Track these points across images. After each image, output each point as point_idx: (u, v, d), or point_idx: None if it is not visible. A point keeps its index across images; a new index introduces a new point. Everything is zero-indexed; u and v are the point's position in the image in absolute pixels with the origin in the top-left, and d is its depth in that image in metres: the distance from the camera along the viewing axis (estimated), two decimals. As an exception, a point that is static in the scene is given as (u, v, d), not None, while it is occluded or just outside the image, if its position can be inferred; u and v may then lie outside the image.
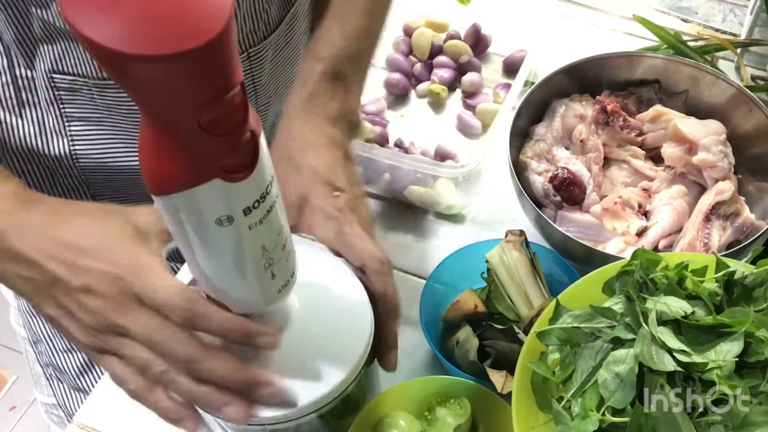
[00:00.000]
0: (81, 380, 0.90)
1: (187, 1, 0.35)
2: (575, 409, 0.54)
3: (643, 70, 0.84)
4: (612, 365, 0.53)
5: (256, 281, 0.50)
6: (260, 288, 0.51)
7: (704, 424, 0.51)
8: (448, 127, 0.95)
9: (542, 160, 0.80)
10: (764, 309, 0.55)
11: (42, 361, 0.94)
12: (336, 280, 0.62)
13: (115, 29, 0.34)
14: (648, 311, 0.54)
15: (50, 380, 0.93)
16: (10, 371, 1.84)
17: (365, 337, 0.59)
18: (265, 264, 0.49)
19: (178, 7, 0.35)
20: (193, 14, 0.35)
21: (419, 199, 0.86)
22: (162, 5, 0.35)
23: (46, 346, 0.92)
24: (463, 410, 0.65)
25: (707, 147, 0.77)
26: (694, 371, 0.52)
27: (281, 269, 0.50)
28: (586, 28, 1.06)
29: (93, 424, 0.73)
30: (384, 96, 0.97)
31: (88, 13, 0.35)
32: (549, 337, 0.58)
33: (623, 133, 0.81)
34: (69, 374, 0.91)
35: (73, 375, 0.91)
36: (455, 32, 1.01)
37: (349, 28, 0.73)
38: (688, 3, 1.08)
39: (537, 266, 0.71)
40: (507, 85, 0.95)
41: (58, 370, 0.92)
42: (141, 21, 0.35)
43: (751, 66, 0.99)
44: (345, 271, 0.62)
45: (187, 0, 0.35)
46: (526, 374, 0.59)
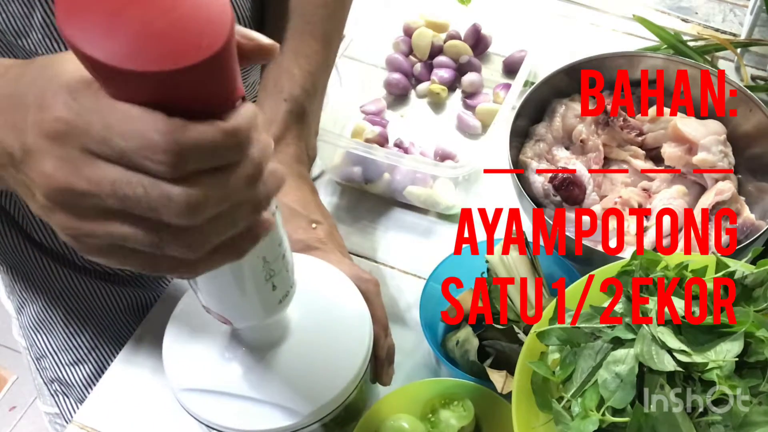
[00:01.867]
0: (88, 392, 0.90)
1: (185, 17, 0.35)
2: (575, 409, 0.54)
3: (643, 70, 0.83)
4: (612, 365, 0.53)
5: (256, 293, 0.50)
6: (261, 300, 0.51)
7: (704, 424, 0.51)
8: (448, 128, 0.95)
9: (542, 160, 0.80)
10: (764, 309, 0.55)
11: (46, 377, 0.93)
12: (334, 290, 0.62)
13: (116, 46, 0.34)
14: (648, 311, 0.54)
15: (55, 396, 0.93)
16: (10, 371, 1.84)
17: (365, 346, 0.59)
18: (266, 276, 0.49)
19: (176, 24, 0.35)
20: (193, 30, 0.35)
21: (419, 199, 0.86)
22: (160, 22, 0.34)
23: (51, 360, 0.91)
24: (466, 412, 0.65)
25: (707, 147, 0.77)
26: (694, 371, 0.52)
27: (281, 280, 0.50)
28: (586, 28, 1.06)
29: (93, 424, 0.73)
30: (384, 96, 0.97)
31: (87, 32, 0.34)
32: (549, 337, 0.58)
33: (623, 133, 0.81)
34: (76, 387, 0.91)
35: (80, 387, 0.90)
36: (455, 32, 1.01)
37: (308, 64, 0.76)
38: (688, 3, 1.08)
39: (537, 266, 0.71)
40: (507, 85, 0.95)
41: (65, 383, 0.91)
42: (141, 38, 0.34)
43: (751, 66, 0.99)
44: (343, 281, 0.62)
45: (186, 16, 0.35)
46: (526, 374, 0.58)
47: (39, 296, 0.90)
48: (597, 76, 0.82)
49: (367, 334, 0.60)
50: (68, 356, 0.90)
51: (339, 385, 0.57)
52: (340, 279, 0.63)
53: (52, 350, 0.91)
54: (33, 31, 0.69)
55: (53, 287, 0.90)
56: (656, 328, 0.53)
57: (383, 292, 0.79)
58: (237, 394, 0.56)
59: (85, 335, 0.90)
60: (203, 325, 0.60)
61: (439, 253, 0.74)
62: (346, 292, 0.62)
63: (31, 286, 0.91)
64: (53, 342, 0.90)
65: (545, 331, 0.58)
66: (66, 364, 0.91)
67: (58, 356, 0.91)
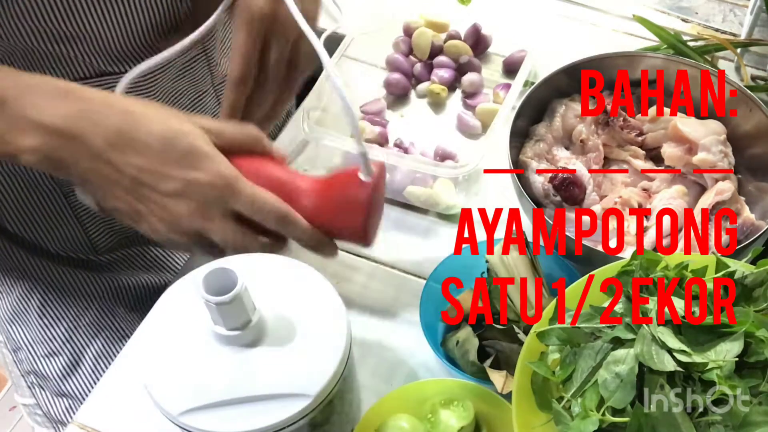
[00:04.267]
0: (64, 384, 0.90)
1: None
2: (575, 409, 0.54)
3: (643, 70, 0.83)
4: (612, 365, 0.53)
5: None
6: None
7: (704, 424, 0.51)
8: (448, 127, 0.95)
9: (542, 160, 0.80)
10: (764, 309, 0.55)
11: (22, 368, 0.93)
12: (308, 287, 0.63)
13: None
14: (648, 311, 0.54)
15: (32, 388, 0.93)
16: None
17: (343, 340, 0.60)
18: None
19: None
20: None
21: (419, 199, 0.86)
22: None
23: (27, 353, 0.91)
24: (466, 412, 0.65)
25: (707, 147, 0.77)
26: (694, 371, 0.52)
27: None
28: (586, 28, 1.06)
29: (93, 424, 0.73)
30: (384, 96, 0.97)
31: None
32: (549, 337, 0.58)
33: (623, 133, 0.81)
34: (52, 379, 0.91)
35: (56, 379, 0.90)
36: (455, 32, 1.01)
37: None
38: (688, 3, 1.08)
39: (537, 266, 0.71)
40: (507, 85, 0.95)
41: (40, 376, 0.91)
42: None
43: (751, 66, 0.99)
44: (317, 278, 0.63)
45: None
46: (526, 374, 0.59)
47: (14, 288, 0.90)
48: (597, 76, 0.82)
49: (344, 327, 0.61)
50: (43, 348, 0.90)
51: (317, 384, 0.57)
52: (314, 276, 0.64)
53: (27, 342, 0.91)
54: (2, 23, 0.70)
55: (28, 278, 0.90)
56: (656, 328, 0.53)
57: (383, 292, 0.80)
58: (227, 399, 0.57)
59: (60, 327, 0.90)
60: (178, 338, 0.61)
61: (440, 253, 0.74)
62: (319, 288, 0.63)
63: (7, 279, 0.91)
64: (28, 334, 0.91)
65: (545, 331, 0.58)
66: (42, 356, 0.91)
67: (34, 348, 0.91)
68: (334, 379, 0.58)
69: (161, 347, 0.61)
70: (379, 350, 0.76)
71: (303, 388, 0.57)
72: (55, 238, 0.90)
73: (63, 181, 0.85)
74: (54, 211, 0.87)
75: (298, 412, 0.56)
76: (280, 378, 0.58)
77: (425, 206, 0.87)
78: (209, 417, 0.57)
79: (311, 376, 0.58)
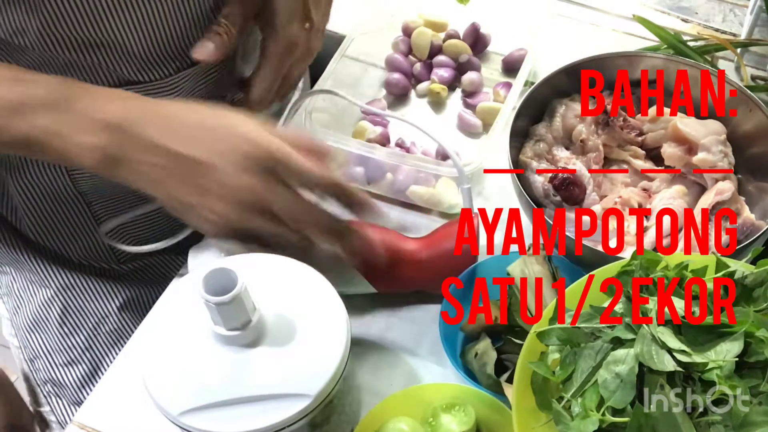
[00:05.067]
0: (82, 393, 0.90)
1: None
2: (575, 409, 0.54)
3: (643, 70, 0.83)
4: (612, 365, 0.53)
5: None
6: None
7: (704, 424, 0.51)
8: (449, 127, 0.95)
9: (542, 160, 0.80)
10: (764, 309, 0.55)
11: (39, 378, 0.93)
12: (308, 287, 0.63)
13: None
14: (648, 311, 0.54)
15: (48, 397, 0.93)
16: (10, 371, 1.84)
17: (343, 339, 0.60)
18: None
19: None
20: None
21: (422, 198, 0.86)
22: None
23: (45, 361, 0.91)
24: (467, 417, 0.65)
25: (707, 147, 0.77)
26: (694, 371, 0.52)
27: None
28: (586, 28, 1.06)
29: (93, 424, 0.73)
30: (384, 96, 0.97)
31: None
32: (549, 337, 0.58)
33: (623, 133, 0.81)
34: (69, 388, 0.90)
35: (74, 388, 0.90)
36: (454, 31, 1.01)
37: None
38: (688, 3, 1.08)
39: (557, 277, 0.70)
40: (507, 84, 0.95)
41: (58, 384, 0.91)
42: None
43: (751, 66, 0.99)
44: (317, 279, 0.63)
45: None
46: (526, 374, 0.59)
47: (35, 297, 0.90)
48: (597, 76, 0.82)
49: (344, 327, 0.61)
50: (62, 357, 0.90)
51: (317, 384, 0.58)
52: (314, 276, 0.64)
53: (45, 351, 0.91)
54: (30, 32, 0.70)
55: (49, 287, 0.90)
56: (656, 328, 0.53)
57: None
58: (227, 399, 0.57)
59: (80, 335, 0.90)
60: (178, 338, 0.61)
61: (440, 253, 0.74)
62: (319, 288, 0.63)
63: (29, 288, 0.91)
64: (47, 342, 0.90)
65: (545, 331, 0.58)
66: (60, 365, 0.91)
67: (52, 357, 0.91)
68: (334, 379, 0.58)
69: (161, 347, 0.61)
70: (379, 350, 0.76)
71: (303, 388, 0.57)
72: (77, 247, 0.90)
73: (85, 190, 0.85)
74: (76, 220, 0.87)
75: (298, 412, 0.56)
76: (280, 378, 0.58)
77: (428, 206, 0.87)
78: (209, 417, 0.57)
79: (311, 376, 0.58)
